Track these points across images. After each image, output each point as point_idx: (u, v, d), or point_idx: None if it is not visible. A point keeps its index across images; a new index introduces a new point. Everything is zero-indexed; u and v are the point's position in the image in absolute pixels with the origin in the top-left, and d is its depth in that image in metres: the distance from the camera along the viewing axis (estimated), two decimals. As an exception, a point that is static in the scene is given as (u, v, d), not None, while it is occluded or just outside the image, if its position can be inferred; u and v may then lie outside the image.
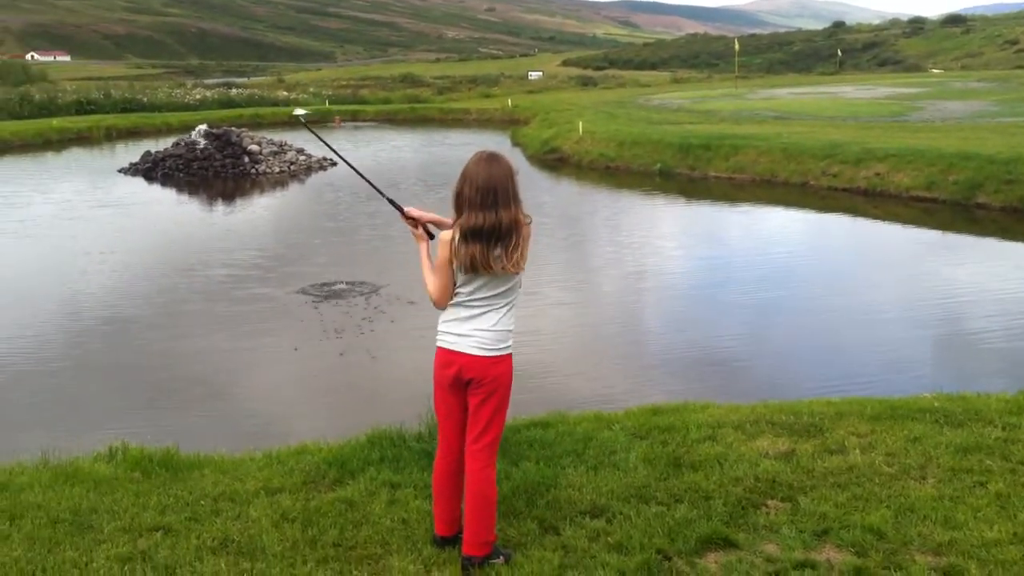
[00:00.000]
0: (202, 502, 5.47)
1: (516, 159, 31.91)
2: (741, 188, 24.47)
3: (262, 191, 26.25)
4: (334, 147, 5.66)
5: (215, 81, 78.66)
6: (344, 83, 76.51)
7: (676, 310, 12.99)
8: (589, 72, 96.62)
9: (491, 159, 4.52)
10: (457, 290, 4.61)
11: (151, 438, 6.97)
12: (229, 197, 25.22)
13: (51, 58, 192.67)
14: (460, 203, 4.51)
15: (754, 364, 10.47)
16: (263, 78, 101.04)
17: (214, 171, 27.66)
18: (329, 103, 54.55)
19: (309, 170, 28.98)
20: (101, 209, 21.75)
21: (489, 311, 4.58)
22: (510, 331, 4.62)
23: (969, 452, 5.97)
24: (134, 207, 22.68)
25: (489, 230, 4.41)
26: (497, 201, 4.42)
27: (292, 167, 28.77)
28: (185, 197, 25.19)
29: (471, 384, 4.60)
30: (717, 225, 20.32)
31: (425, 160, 31.08)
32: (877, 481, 5.60)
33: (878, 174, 22.47)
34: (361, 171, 5.43)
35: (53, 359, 10.88)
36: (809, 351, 10.88)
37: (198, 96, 53.76)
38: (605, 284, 14.67)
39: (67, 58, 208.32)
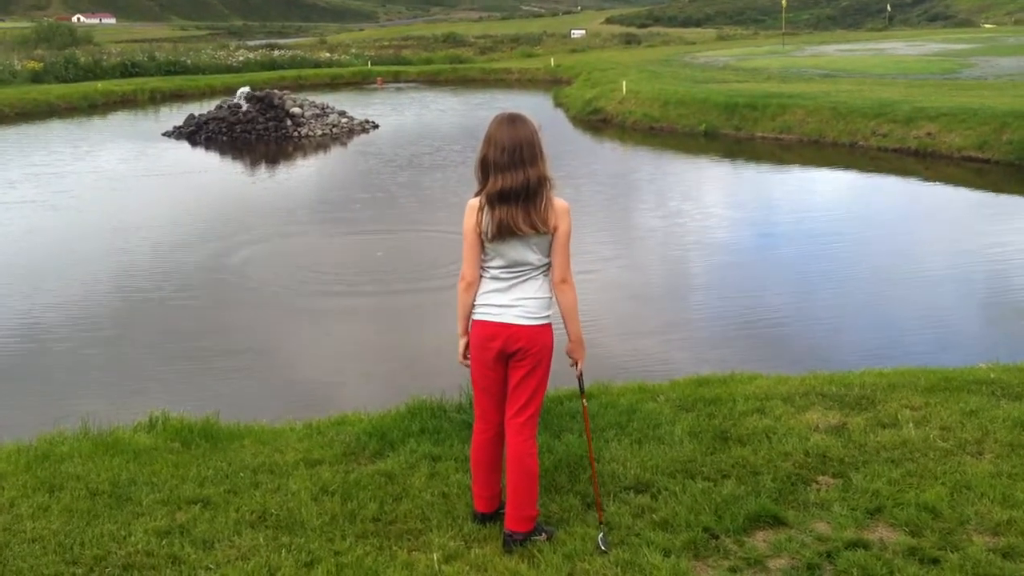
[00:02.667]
0: (241, 474, 5.42)
1: (558, 120, 31.78)
2: (788, 149, 24.02)
3: (305, 154, 26.21)
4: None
5: (258, 43, 78.55)
6: (386, 43, 76.16)
7: (722, 276, 12.74)
8: (633, 30, 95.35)
9: (512, 119, 4.41)
10: (489, 262, 4.49)
11: (193, 407, 6.94)
12: (272, 160, 25.20)
13: (96, 20, 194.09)
14: (486, 168, 4.40)
15: (802, 332, 10.25)
16: (306, 39, 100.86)
17: (257, 134, 27.62)
18: (371, 64, 54.36)
19: (351, 133, 28.86)
20: (145, 178, 21.60)
21: (528, 279, 4.46)
22: (550, 298, 4.50)
23: (1028, 426, 5.76)
24: (176, 175, 22.59)
25: (519, 190, 4.30)
26: (524, 160, 4.31)
27: (334, 130, 28.67)
28: (228, 161, 25.24)
29: (516, 355, 4.48)
30: (764, 187, 19.95)
31: (469, 124, 30.82)
32: (932, 456, 5.42)
33: (929, 134, 21.93)
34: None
35: (100, 328, 10.91)
36: (858, 319, 10.63)
37: (241, 58, 53.73)
38: (648, 249, 14.46)
39: (112, 20, 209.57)
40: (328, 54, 59.04)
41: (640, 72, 36.84)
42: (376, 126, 29.96)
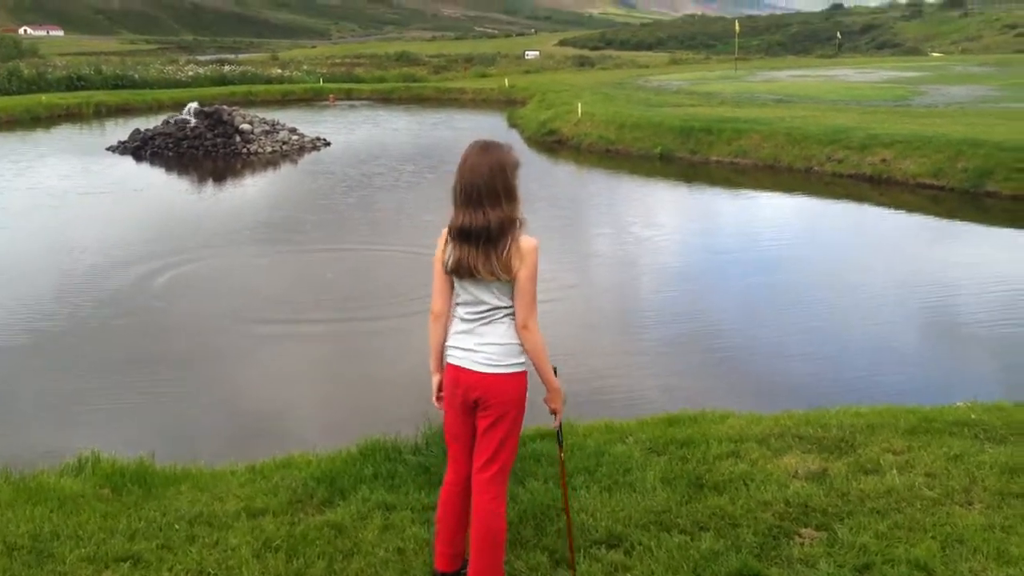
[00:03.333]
0: (176, 526, 4.94)
1: (513, 140, 31.32)
2: (744, 173, 23.90)
3: (253, 171, 25.64)
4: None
5: (208, 58, 77.58)
6: (339, 60, 75.65)
7: (686, 303, 12.43)
8: (586, 52, 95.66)
9: (484, 150, 4.05)
10: (456, 299, 4.15)
11: (127, 446, 6.45)
12: (220, 178, 24.59)
13: (44, 32, 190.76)
14: (454, 198, 4.06)
15: (766, 363, 9.95)
16: (258, 55, 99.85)
17: (204, 150, 26.99)
18: (323, 81, 53.80)
19: (302, 150, 28.32)
20: (85, 195, 20.75)
21: (492, 321, 4.08)
22: (519, 344, 4.09)
23: (1016, 473, 5.47)
24: (118, 192, 21.80)
25: (479, 231, 3.94)
26: (483, 198, 3.95)
27: (284, 147, 28.10)
28: (174, 177, 24.56)
29: (479, 405, 4.10)
30: (720, 211, 19.78)
31: (423, 143, 30.42)
32: (919, 507, 5.10)
33: (884, 160, 21.92)
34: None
35: (25, 356, 10.30)
36: (825, 349, 10.34)
37: (191, 73, 52.92)
38: (603, 274, 14.15)
39: (60, 32, 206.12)
40: (280, 70, 58.37)
41: (594, 94, 36.71)
42: (328, 143, 29.45)
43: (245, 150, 27.27)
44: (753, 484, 5.34)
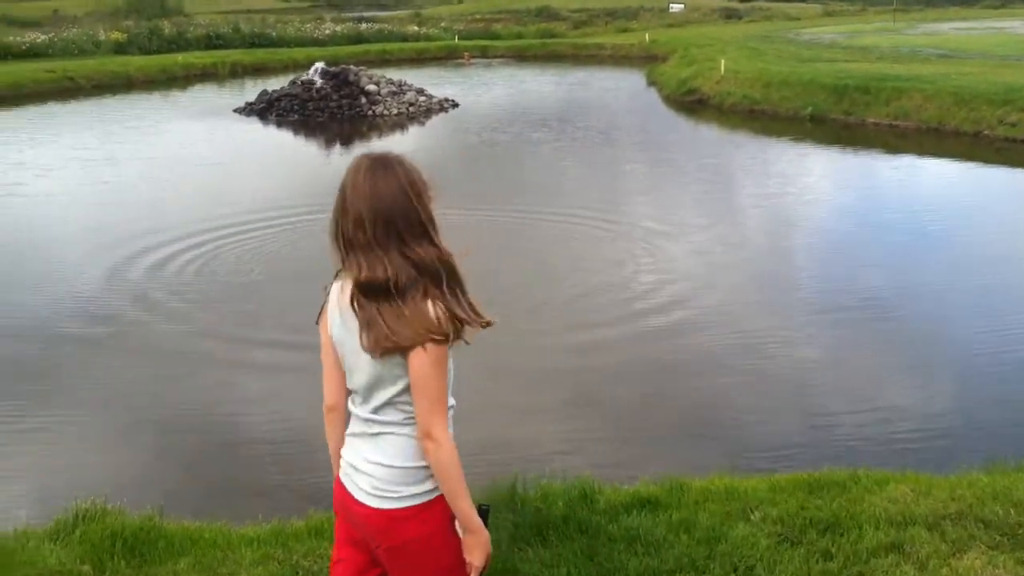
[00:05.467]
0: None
1: (651, 100, 29.74)
2: (904, 137, 21.66)
3: (380, 134, 24.77)
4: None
5: (351, 15, 77.51)
6: (479, 17, 74.48)
7: (832, 294, 10.79)
8: (734, 4, 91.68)
9: (380, 167, 2.73)
10: (349, 384, 2.86)
11: (146, 491, 5.43)
12: (345, 141, 23.82)
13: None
14: (335, 237, 2.75)
15: (948, 368, 8.35)
16: (403, 12, 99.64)
17: (330, 112, 26.22)
18: (459, 38, 52.71)
19: (429, 112, 27.28)
20: (199, 167, 19.60)
21: (387, 431, 2.78)
22: (426, 467, 2.74)
23: None
24: (235, 161, 21.02)
25: (377, 285, 2.64)
26: (380, 236, 2.66)
27: (411, 108, 27.09)
28: (299, 141, 23.95)
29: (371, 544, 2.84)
30: (879, 181, 17.77)
31: (554, 105, 28.96)
32: None
33: (1068, 123, 19.46)
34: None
35: (41, 375, 9.41)
36: (1006, 366, 8.60)
37: (327, 31, 52.60)
38: (742, 251, 12.58)
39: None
40: (416, 28, 57.55)
41: (740, 49, 34.49)
42: (456, 105, 28.33)
43: (370, 112, 26.40)
44: (924, 603, 3.91)
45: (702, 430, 7.26)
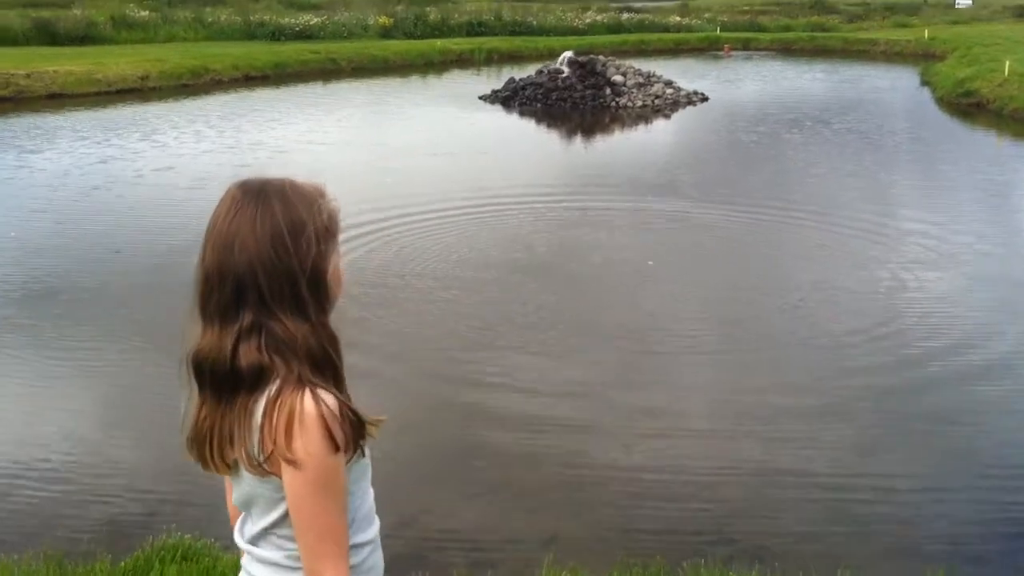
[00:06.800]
0: None
1: (923, 100, 27.29)
2: None
3: (622, 126, 23.92)
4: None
5: (617, 4, 76.83)
6: (745, 8, 71.97)
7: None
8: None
9: (251, 199, 1.95)
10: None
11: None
12: (587, 132, 23.15)
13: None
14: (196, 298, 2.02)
15: None
16: (670, 2, 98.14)
17: (572, 103, 25.60)
18: (720, 30, 50.87)
19: (676, 105, 26.10)
20: (427, 157, 18.83)
21: (263, 565, 2.06)
22: None
23: None
24: (469, 154, 20.24)
25: (215, 365, 1.93)
26: (235, 299, 1.92)
27: (657, 101, 26.02)
28: (542, 131, 23.54)
29: None
30: None
31: (817, 104, 27.04)
32: None
33: None
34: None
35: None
36: None
37: (588, 20, 52.12)
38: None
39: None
40: (677, 18, 56.12)
41: (1031, 49, 31.12)
42: (705, 98, 27.00)
43: (614, 103, 25.55)
44: None
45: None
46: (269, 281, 1.90)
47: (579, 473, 6.45)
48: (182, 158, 17.82)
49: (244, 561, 2.11)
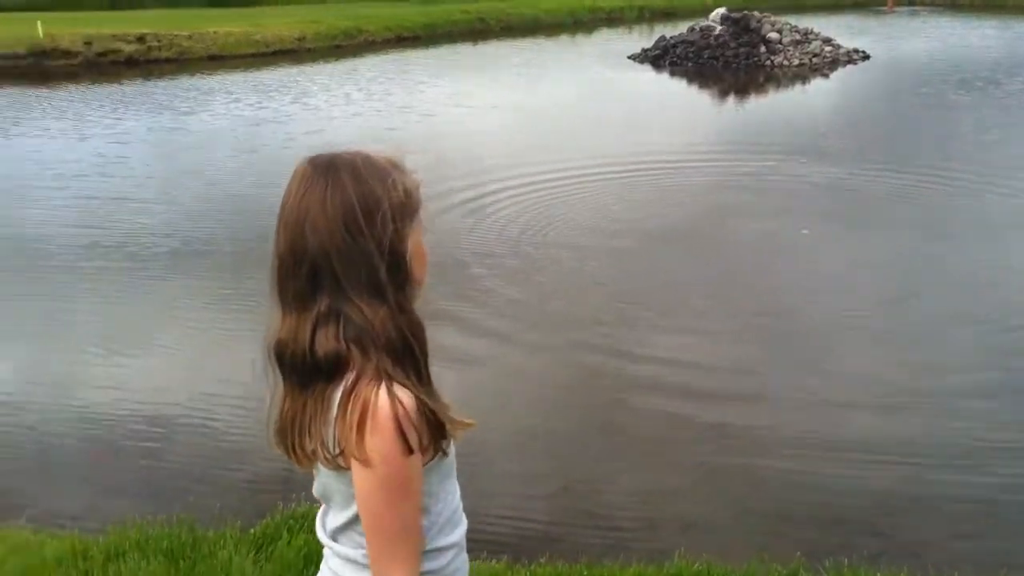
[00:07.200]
0: None
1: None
2: None
3: (777, 86, 23.07)
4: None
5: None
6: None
7: None
8: None
9: (312, 179, 1.79)
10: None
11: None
12: (740, 92, 22.43)
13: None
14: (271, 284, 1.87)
15: None
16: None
17: (724, 61, 24.81)
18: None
19: (835, 63, 24.99)
20: (577, 119, 18.59)
21: (343, 571, 1.96)
22: None
23: None
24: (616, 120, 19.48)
25: (295, 356, 1.81)
26: (308, 285, 1.79)
27: (814, 59, 24.97)
28: (693, 92, 23.01)
29: None
30: None
31: (995, 63, 25.43)
32: None
33: None
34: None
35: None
36: None
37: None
38: None
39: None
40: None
41: None
42: (867, 57, 25.78)
43: (769, 62, 24.65)
44: None
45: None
46: (343, 264, 1.76)
47: (726, 459, 6.18)
48: (333, 121, 18.04)
49: (326, 553, 2.01)
